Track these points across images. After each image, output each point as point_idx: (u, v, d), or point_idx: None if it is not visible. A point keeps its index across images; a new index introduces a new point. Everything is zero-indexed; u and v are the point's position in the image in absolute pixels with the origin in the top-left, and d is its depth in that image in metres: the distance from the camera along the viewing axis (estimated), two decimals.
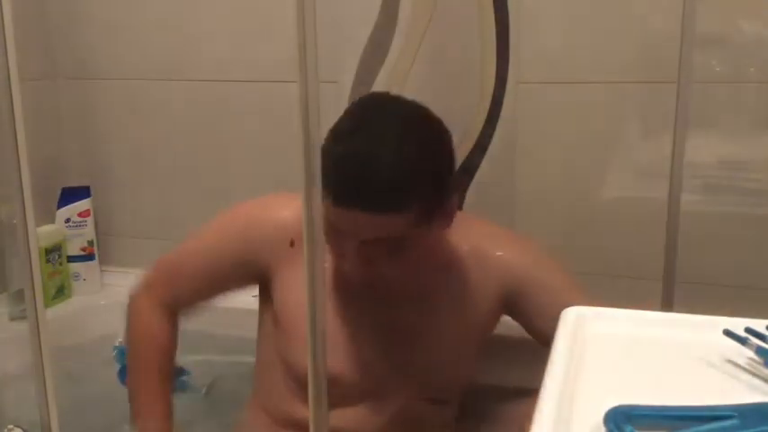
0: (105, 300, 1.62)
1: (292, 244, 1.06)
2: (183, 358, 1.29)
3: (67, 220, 1.63)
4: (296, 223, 1.00)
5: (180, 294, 1.15)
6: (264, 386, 1.16)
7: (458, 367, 1.14)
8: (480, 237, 1.15)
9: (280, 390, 1.11)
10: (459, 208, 1.43)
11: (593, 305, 0.71)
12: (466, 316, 1.12)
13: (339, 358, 1.06)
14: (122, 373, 1.36)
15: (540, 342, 1.11)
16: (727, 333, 0.63)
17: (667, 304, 1.02)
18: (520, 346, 1.16)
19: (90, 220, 1.65)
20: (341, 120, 0.99)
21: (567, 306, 1.08)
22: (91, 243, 1.65)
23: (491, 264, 1.12)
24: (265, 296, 1.15)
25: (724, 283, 1.26)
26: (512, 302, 1.13)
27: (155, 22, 1.59)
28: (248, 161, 1.56)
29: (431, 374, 1.12)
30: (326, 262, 1.05)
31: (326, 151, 0.88)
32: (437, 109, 1.41)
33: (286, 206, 1.09)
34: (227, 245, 1.13)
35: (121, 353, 1.47)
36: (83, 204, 1.65)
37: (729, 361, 0.62)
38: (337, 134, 0.95)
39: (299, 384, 1.08)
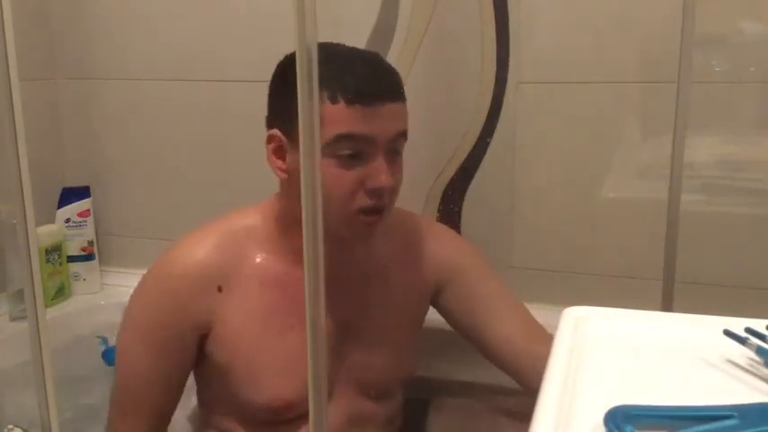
0: (105, 300, 1.62)
1: (220, 290, 1.03)
2: None
3: (67, 220, 1.63)
4: (217, 266, 1.03)
5: (146, 420, 1.07)
6: None
7: (396, 361, 1.13)
8: (408, 228, 1.15)
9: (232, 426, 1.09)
10: (459, 207, 1.44)
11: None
12: (400, 310, 1.13)
13: (291, 373, 1.02)
14: (108, 354, 1.37)
15: (460, 333, 1.15)
16: (727, 333, 0.63)
17: (667, 304, 1.02)
18: (452, 339, 1.19)
19: (90, 220, 1.65)
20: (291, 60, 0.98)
21: (490, 297, 1.15)
22: (91, 243, 1.65)
23: (420, 256, 1.13)
24: (200, 355, 1.08)
25: (724, 283, 1.26)
26: (438, 293, 1.15)
27: (155, 23, 1.59)
28: (248, 161, 1.55)
29: (370, 371, 1.11)
30: (261, 258, 1.04)
31: (337, 70, 0.94)
32: (437, 108, 1.42)
33: (199, 253, 1.04)
34: (161, 344, 1.05)
35: (104, 342, 1.48)
36: (83, 204, 1.65)
37: (729, 361, 0.62)
38: (330, 56, 0.96)
39: (253, 418, 1.06)
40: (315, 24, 0.44)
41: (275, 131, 1.00)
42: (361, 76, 0.95)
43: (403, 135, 0.98)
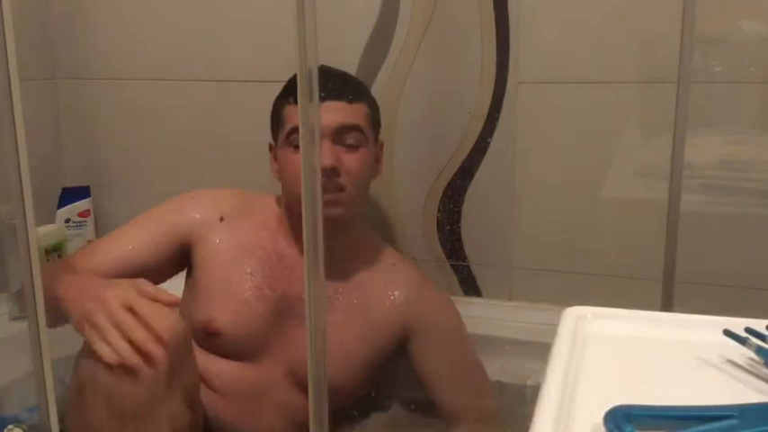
0: None
1: (221, 219, 1.22)
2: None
3: (67, 220, 1.63)
4: (228, 203, 1.24)
5: (97, 265, 1.15)
6: None
7: (337, 372, 1.18)
8: (398, 270, 1.28)
9: None
10: (459, 207, 1.44)
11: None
12: (366, 328, 1.22)
13: (232, 309, 1.16)
14: None
15: (422, 385, 1.24)
16: (727, 333, 0.63)
17: (667, 304, 1.02)
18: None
19: (90, 220, 1.65)
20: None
21: (452, 359, 1.28)
22: (91, 243, 1.65)
23: (396, 300, 1.24)
24: (188, 271, 1.24)
25: (724, 283, 1.26)
26: (406, 338, 1.24)
27: (154, 23, 1.59)
28: (248, 161, 1.56)
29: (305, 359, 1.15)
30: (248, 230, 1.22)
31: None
32: (437, 108, 1.42)
33: (219, 192, 1.27)
34: (152, 223, 1.22)
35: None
36: (83, 204, 1.65)
37: (729, 361, 0.62)
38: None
39: (205, 337, 1.16)
40: (315, 24, 0.44)
41: (271, 141, 1.24)
42: (327, 80, 1.16)
43: (350, 128, 1.17)
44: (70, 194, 1.64)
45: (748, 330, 0.63)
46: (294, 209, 1.20)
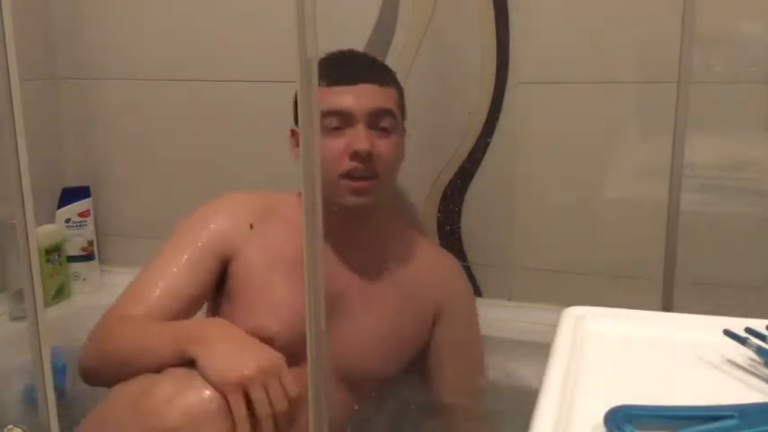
0: (105, 300, 1.60)
1: (251, 227, 1.19)
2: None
3: (67, 220, 1.63)
4: (253, 208, 1.21)
5: (152, 315, 1.10)
6: None
7: (381, 358, 1.20)
8: (424, 250, 1.30)
9: None
10: (459, 207, 1.44)
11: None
12: (403, 315, 1.23)
13: (281, 315, 1.13)
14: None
15: (431, 367, 1.26)
16: (727, 333, 0.63)
17: (667, 304, 1.02)
18: None
19: (90, 220, 1.65)
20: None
21: (456, 345, 1.29)
22: (91, 243, 1.65)
23: (430, 277, 1.26)
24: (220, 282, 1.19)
25: (724, 283, 1.26)
26: (437, 319, 1.26)
27: (155, 23, 1.59)
28: (248, 161, 1.56)
29: (354, 354, 1.17)
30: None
31: (331, 58, 1.20)
32: (437, 108, 1.42)
33: (241, 197, 1.23)
34: (189, 247, 1.16)
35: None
36: (83, 204, 1.65)
37: (729, 361, 0.62)
38: (333, 53, 1.21)
39: None
40: (315, 24, 0.44)
41: (295, 127, 1.22)
42: (340, 65, 1.18)
43: (385, 112, 1.15)
44: (70, 194, 1.64)
45: (748, 330, 0.63)
46: (326, 197, 1.15)
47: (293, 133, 1.23)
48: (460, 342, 1.28)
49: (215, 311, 1.19)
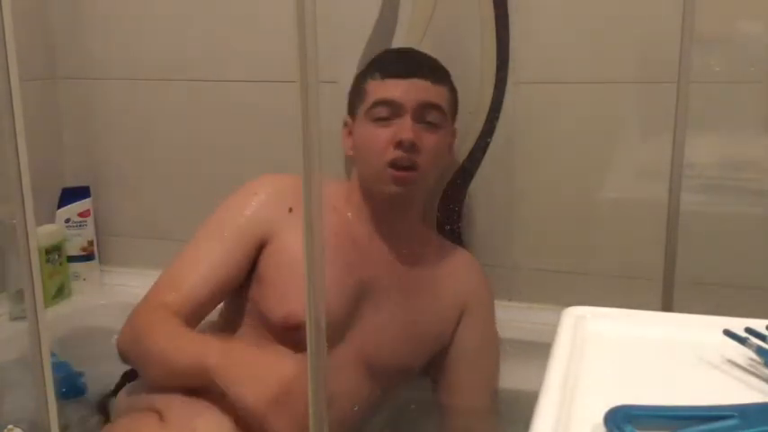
0: (105, 300, 1.62)
1: (290, 210, 1.17)
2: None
3: (67, 220, 1.63)
4: (292, 191, 1.17)
5: (187, 302, 1.12)
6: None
7: (406, 352, 1.22)
8: (453, 252, 1.32)
9: (249, 336, 1.15)
10: (459, 207, 1.44)
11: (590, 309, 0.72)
12: (430, 312, 1.24)
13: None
14: None
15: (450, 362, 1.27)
16: (727, 333, 0.63)
17: (667, 304, 1.02)
18: None
19: (90, 220, 1.65)
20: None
21: (472, 345, 1.30)
22: (91, 243, 1.65)
23: (457, 275, 1.28)
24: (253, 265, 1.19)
25: (724, 283, 1.26)
26: (461, 316, 1.27)
27: (154, 22, 1.59)
28: (248, 161, 1.56)
29: (381, 342, 1.18)
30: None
31: (382, 57, 1.28)
32: None
33: (282, 179, 1.21)
34: (228, 229, 1.17)
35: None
36: (83, 204, 1.65)
37: (729, 361, 0.62)
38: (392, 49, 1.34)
39: (270, 330, 1.13)
40: (315, 24, 0.44)
41: (347, 117, 1.25)
42: (397, 60, 1.25)
43: (432, 107, 1.18)
44: (70, 194, 1.64)
45: (748, 330, 0.63)
46: (369, 185, 1.20)
47: (346, 124, 1.26)
48: (482, 344, 1.30)
49: (242, 293, 1.18)
